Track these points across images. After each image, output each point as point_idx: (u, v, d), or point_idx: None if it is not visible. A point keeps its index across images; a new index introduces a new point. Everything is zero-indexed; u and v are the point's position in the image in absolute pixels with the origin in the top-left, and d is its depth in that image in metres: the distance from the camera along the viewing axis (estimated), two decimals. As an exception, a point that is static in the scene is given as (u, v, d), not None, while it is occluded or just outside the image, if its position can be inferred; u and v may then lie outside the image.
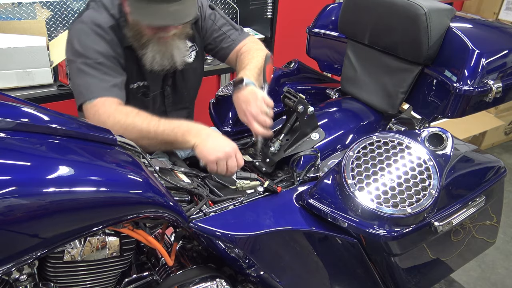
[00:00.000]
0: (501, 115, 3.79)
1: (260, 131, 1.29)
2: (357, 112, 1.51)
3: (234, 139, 1.52)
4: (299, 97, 1.29)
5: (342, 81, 1.66)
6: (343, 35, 1.63)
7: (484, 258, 2.57)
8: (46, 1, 2.47)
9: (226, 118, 1.56)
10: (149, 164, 1.11)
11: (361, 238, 1.21)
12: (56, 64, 2.22)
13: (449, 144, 1.20)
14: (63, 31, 2.57)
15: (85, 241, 0.92)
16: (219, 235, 1.04)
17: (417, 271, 1.39)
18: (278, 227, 1.10)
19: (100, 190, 0.83)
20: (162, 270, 1.17)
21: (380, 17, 1.43)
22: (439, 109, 1.39)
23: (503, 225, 2.62)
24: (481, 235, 1.56)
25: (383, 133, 1.21)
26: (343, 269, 1.28)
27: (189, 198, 1.13)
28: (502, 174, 1.43)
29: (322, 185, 1.18)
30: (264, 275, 1.14)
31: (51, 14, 2.52)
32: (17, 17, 2.41)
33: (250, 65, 1.44)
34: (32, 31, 2.31)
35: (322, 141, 1.36)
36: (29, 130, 0.85)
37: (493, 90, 1.31)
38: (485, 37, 1.43)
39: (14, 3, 2.38)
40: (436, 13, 1.31)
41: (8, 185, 0.72)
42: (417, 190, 1.11)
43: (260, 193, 1.20)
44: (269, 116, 1.30)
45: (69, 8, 2.57)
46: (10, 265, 0.76)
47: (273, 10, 3.09)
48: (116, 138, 1.02)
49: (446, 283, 1.97)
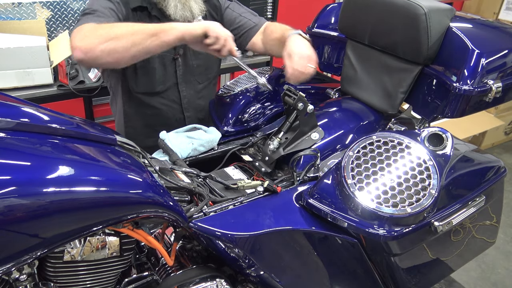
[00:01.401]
0: (501, 115, 3.80)
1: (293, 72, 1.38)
2: (357, 112, 1.51)
3: (234, 139, 1.53)
4: (299, 95, 1.29)
5: (342, 81, 1.66)
6: (343, 35, 1.63)
7: (484, 258, 2.57)
8: (46, 1, 2.48)
9: (226, 118, 1.56)
10: (149, 164, 1.11)
11: (361, 238, 1.21)
12: (56, 64, 2.22)
13: (449, 144, 1.20)
14: (63, 31, 2.58)
15: (85, 241, 0.92)
16: (219, 235, 1.04)
17: (417, 271, 1.39)
18: (278, 227, 1.10)
19: (100, 190, 0.83)
20: (162, 270, 1.17)
21: (380, 17, 1.43)
22: (439, 109, 1.39)
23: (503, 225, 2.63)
24: (481, 235, 1.56)
25: (383, 133, 1.21)
26: (343, 269, 1.28)
27: (189, 198, 1.13)
28: (502, 174, 1.43)
29: (322, 185, 1.18)
30: (264, 275, 1.14)
31: (51, 14, 2.52)
32: (17, 17, 2.41)
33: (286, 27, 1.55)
34: (32, 31, 2.32)
35: (322, 141, 1.36)
36: (29, 130, 0.85)
37: (493, 90, 1.31)
38: (485, 37, 1.43)
39: (14, 3, 2.38)
40: (436, 13, 1.31)
41: (8, 185, 0.72)
42: (417, 190, 1.11)
43: (260, 193, 1.20)
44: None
45: (69, 8, 2.57)
46: (10, 265, 0.76)
47: (273, 10, 3.09)
48: (116, 138, 1.02)
49: (446, 283, 1.97)
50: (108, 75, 1.66)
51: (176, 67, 1.61)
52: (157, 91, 1.61)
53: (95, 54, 1.22)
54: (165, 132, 1.40)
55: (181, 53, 1.60)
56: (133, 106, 1.64)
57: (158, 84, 1.59)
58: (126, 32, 1.24)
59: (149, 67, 1.55)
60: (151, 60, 1.53)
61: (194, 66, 1.65)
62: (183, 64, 1.62)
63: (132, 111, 1.65)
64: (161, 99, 1.63)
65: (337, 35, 1.68)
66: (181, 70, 1.62)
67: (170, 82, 1.62)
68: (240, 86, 1.65)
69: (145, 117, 1.66)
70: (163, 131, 1.40)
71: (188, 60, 1.63)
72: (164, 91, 1.62)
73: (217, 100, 1.69)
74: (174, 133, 1.41)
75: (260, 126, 1.58)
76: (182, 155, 1.36)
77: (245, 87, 1.62)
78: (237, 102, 1.58)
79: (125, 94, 1.62)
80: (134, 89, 1.59)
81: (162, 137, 1.37)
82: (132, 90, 1.59)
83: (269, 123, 1.59)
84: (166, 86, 1.62)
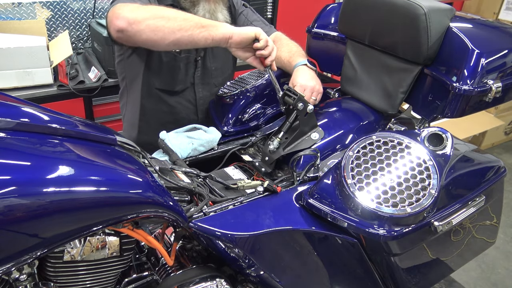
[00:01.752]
0: (501, 115, 3.80)
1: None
2: (357, 112, 1.51)
3: (234, 139, 1.53)
4: (299, 95, 1.29)
5: (342, 81, 1.66)
6: (343, 35, 1.63)
7: (484, 258, 2.57)
8: (46, 1, 2.48)
9: (226, 118, 1.56)
10: (149, 164, 1.11)
11: (361, 238, 1.21)
12: (56, 64, 2.22)
13: (449, 144, 1.20)
14: (63, 31, 2.58)
15: (85, 241, 0.92)
16: (219, 235, 1.04)
17: (417, 271, 1.39)
18: (278, 227, 1.10)
19: (100, 190, 0.83)
20: (162, 270, 1.17)
21: (379, 17, 1.43)
22: (439, 109, 1.39)
23: (503, 225, 2.63)
24: (481, 235, 1.56)
25: (383, 133, 1.21)
26: (343, 269, 1.28)
27: (189, 198, 1.13)
28: (502, 174, 1.43)
29: (322, 185, 1.18)
30: (264, 275, 1.14)
31: (51, 14, 2.52)
32: (17, 17, 2.41)
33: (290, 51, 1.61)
34: (32, 31, 2.32)
35: (322, 141, 1.36)
36: (29, 130, 0.85)
37: (492, 90, 1.31)
38: (485, 37, 1.43)
39: (14, 3, 2.38)
40: (436, 13, 1.30)
41: (8, 185, 0.72)
42: (417, 190, 1.11)
43: (260, 193, 1.20)
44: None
45: (69, 8, 2.57)
46: (10, 265, 0.77)
47: (273, 10, 3.09)
48: (116, 138, 1.02)
49: (446, 283, 1.96)
50: (127, 66, 1.66)
51: (196, 69, 1.64)
52: (176, 90, 1.65)
53: (139, 28, 1.23)
54: (165, 132, 1.40)
55: (202, 55, 1.63)
56: (151, 101, 1.67)
57: (178, 84, 1.63)
58: (177, 16, 1.25)
59: (175, 65, 1.58)
60: (177, 58, 1.57)
61: (212, 69, 1.69)
62: (202, 66, 1.66)
63: (149, 106, 1.68)
64: (178, 98, 1.67)
65: (337, 35, 1.68)
66: (199, 72, 1.66)
67: (188, 82, 1.65)
68: (240, 86, 1.65)
69: (161, 114, 1.69)
70: (163, 131, 1.40)
71: (207, 62, 1.67)
72: (182, 91, 1.66)
73: (217, 100, 1.69)
74: (174, 133, 1.41)
75: (260, 126, 1.59)
76: (182, 155, 1.36)
77: (245, 87, 1.62)
78: (237, 102, 1.58)
79: (145, 89, 1.64)
80: (155, 85, 1.62)
81: (162, 137, 1.37)
82: (152, 85, 1.62)
83: (269, 123, 1.59)
84: (184, 86, 1.65)
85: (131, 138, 1.69)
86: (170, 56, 1.56)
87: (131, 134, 1.73)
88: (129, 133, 1.74)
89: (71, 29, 2.61)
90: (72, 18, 2.58)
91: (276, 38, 1.69)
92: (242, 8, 1.71)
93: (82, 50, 2.61)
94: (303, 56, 1.61)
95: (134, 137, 1.72)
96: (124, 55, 1.62)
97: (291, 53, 1.60)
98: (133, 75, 1.65)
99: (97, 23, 2.43)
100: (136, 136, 1.72)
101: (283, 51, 1.62)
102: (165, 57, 1.55)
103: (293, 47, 1.64)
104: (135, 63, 1.61)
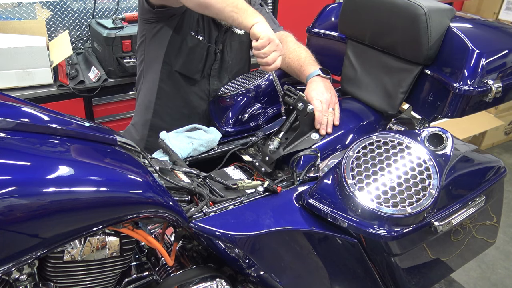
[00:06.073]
0: (501, 115, 3.80)
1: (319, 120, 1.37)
2: (357, 112, 1.51)
3: (234, 139, 1.52)
4: (299, 95, 1.29)
5: (342, 81, 1.66)
6: (343, 35, 1.63)
7: (484, 258, 2.57)
8: (46, 1, 2.48)
9: (226, 118, 1.56)
10: (149, 164, 1.11)
11: (361, 238, 1.21)
12: (56, 64, 2.22)
13: (449, 144, 1.20)
14: (63, 31, 2.58)
15: (85, 241, 0.92)
16: (219, 235, 1.04)
17: (417, 271, 1.39)
18: (278, 227, 1.10)
19: (100, 190, 0.83)
20: (162, 270, 1.17)
21: (380, 17, 1.43)
22: (439, 109, 1.39)
23: (503, 225, 2.63)
24: (481, 235, 1.56)
25: (383, 133, 1.21)
26: (343, 269, 1.28)
27: (189, 198, 1.13)
28: (502, 174, 1.43)
29: (322, 185, 1.18)
30: (264, 275, 1.14)
31: (51, 14, 2.52)
32: (17, 17, 2.41)
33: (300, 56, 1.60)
34: (32, 31, 2.32)
35: (322, 141, 1.36)
36: (29, 130, 0.85)
37: (493, 90, 1.31)
38: (485, 37, 1.43)
39: (14, 3, 2.38)
40: (436, 13, 1.30)
41: (8, 185, 0.72)
42: (417, 190, 1.11)
43: (260, 193, 1.20)
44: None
45: (69, 8, 2.57)
46: (10, 265, 0.77)
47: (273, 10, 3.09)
48: (116, 138, 1.02)
49: (446, 283, 1.97)
50: (149, 47, 1.67)
51: (214, 61, 1.68)
52: (194, 78, 1.67)
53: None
54: (165, 132, 1.40)
55: (220, 47, 1.67)
56: (169, 85, 1.68)
57: (197, 72, 1.66)
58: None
59: (196, 51, 1.62)
60: (202, 45, 1.61)
61: (229, 63, 1.72)
62: (220, 59, 1.69)
63: (167, 89, 1.69)
64: (194, 88, 1.70)
65: (337, 35, 1.68)
66: (217, 64, 1.69)
67: (205, 73, 1.68)
68: (240, 86, 1.65)
69: (176, 99, 1.71)
70: (163, 131, 1.40)
71: (225, 55, 1.70)
72: (199, 80, 1.68)
73: (217, 100, 1.69)
74: (174, 133, 1.42)
75: (260, 126, 1.59)
76: (182, 155, 1.36)
77: (245, 87, 1.62)
78: (237, 102, 1.58)
79: (164, 71, 1.66)
80: (175, 67, 1.64)
81: (162, 137, 1.37)
82: (173, 67, 1.64)
83: (269, 123, 1.59)
84: (201, 76, 1.68)
85: (144, 121, 1.73)
86: (194, 41, 1.59)
87: (145, 117, 1.73)
88: (143, 116, 1.74)
89: (71, 29, 2.60)
90: (72, 18, 2.58)
91: (281, 38, 1.66)
92: (258, 7, 1.73)
93: (82, 50, 2.61)
94: (314, 63, 1.57)
95: (148, 119, 1.72)
96: (147, 35, 1.64)
97: (300, 61, 1.58)
98: (153, 57, 1.67)
99: (97, 23, 2.42)
100: (150, 119, 1.72)
101: (292, 58, 1.60)
102: (189, 40, 1.59)
103: (301, 52, 1.61)
104: (158, 44, 1.63)
